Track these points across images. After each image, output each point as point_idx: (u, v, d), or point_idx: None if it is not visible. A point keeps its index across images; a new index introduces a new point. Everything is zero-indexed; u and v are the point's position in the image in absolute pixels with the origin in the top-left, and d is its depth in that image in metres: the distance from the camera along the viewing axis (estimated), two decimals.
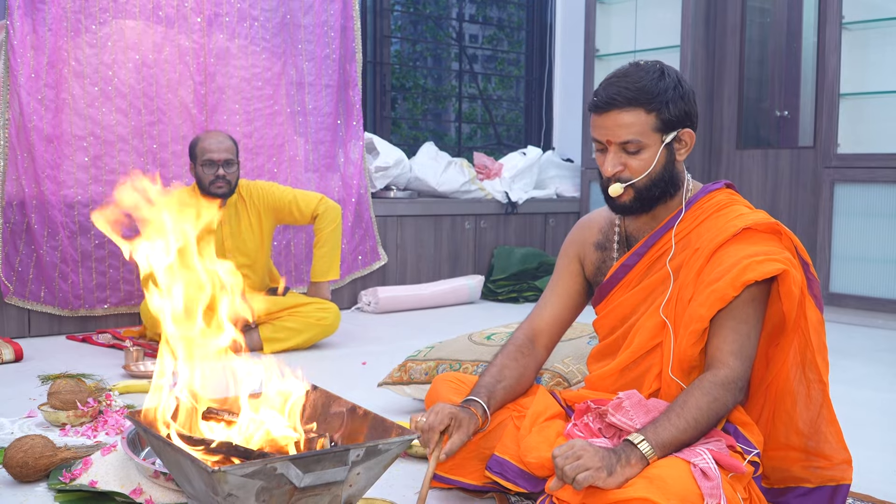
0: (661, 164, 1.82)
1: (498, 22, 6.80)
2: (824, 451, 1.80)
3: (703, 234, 1.83)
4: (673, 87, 1.79)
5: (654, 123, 1.78)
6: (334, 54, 4.72)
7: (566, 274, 2.05)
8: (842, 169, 4.49)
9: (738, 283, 1.70)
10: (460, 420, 1.80)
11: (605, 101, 1.79)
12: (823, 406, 1.79)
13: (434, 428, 1.79)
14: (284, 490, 1.48)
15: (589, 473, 1.51)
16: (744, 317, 1.73)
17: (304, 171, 4.67)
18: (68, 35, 3.94)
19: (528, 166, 5.76)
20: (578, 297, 2.05)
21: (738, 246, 1.76)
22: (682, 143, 1.84)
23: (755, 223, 1.78)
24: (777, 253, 1.73)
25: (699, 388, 1.68)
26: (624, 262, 1.92)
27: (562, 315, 2.04)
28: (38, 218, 3.88)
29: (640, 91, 1.77)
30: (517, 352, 1.99)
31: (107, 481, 1.96)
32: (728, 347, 1.72)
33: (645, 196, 1.83)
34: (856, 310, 4.50)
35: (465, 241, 5.44)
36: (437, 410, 1.81)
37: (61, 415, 2.47)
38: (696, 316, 1.74)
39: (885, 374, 3.43)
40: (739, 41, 5.17)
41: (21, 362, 3.44)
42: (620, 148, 1.80)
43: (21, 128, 3.82)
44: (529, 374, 1.99)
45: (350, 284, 4.90)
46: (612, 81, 1.81)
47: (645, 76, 1.79)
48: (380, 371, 3.14)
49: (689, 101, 1.82)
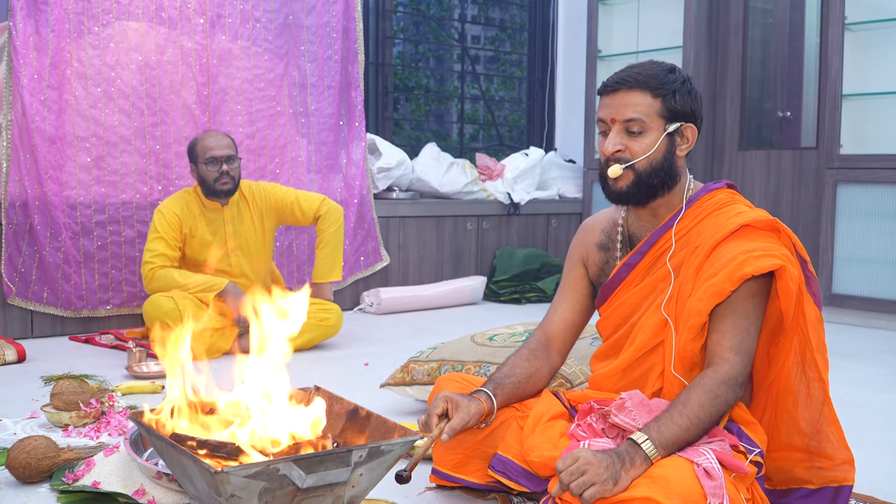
0: (661, 152, 1.83)
1: (500, 23, 6.80)
2: (826, 450, 1.80)
3: (703, 231, 1.84)
4: (681, 81, 1.84)
5: (659, 108, 1.82)
6: (336, 55, 4.72)
7: (572, 278, 2.07)
8: (844, 170, 4.48)
9: (735, 277, 1.71)
10: (457, 402, 1.82)
11: (615, 82, 1.84)
12: (824, 405, 1.80)
13: (431, 413, 1.80)
14: (287, 491, 1.48)
15: (595, 489, 1.51)
16: (743, 312, 1.74)
17: (307, 172, 4.67)
18: (71, 36, 3.94)
19: (531, 167, 5.76)
20: (587, 300, 2.06)
21: (736, 242, 1.77)
22: (685, 139, 1.86)
23: (754, 220, 1.80)
24: (775, 249, 1.74)
25: (700, 385, 1.68)
26: (627, 260, 1.93)
27: (572, 319, 2.05)
28: (40, 219, 3.88)
29: (650, 77, 1.82)
30: (529, 354, 2.00)
31: (109, 482, 1.96)
32: (728, 343, 1.73)
33: (643, 182, 1.84)
34: (858, 311, 4.49)
35: (468, 242, 5.44)
36: (433, 400, 1.84)
37: (64, 416, 2.48)
38: (694, 310, 1.75)
39: (887, 375, 3.42)
40: (742, 42, 5.17)
41: (24, 363, 3.44)
42: (623, 128, 1.83)
43: (24, 129, 3.82)
44: (541, 375, 2.00)
45: (352, 285, 4.91)
46: (625, 69, 1.87)
47: (656, 67, 1.85)
48: (382, 372, 3.14)
49: (696, 99, 1.86)
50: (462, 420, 1.79)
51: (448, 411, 1.81)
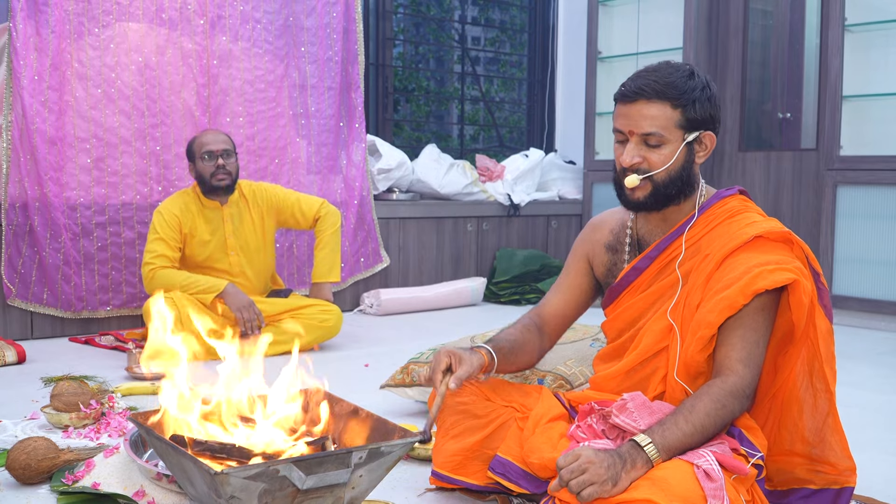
0: (679, 163, 1.81)
1: (500, 24, 6.80)
2: (829, 458, 1.80)
3: (714, 239, 1.82)
4: (701, 87, 1.79)
5: (678, 120, 1.78)
6: (337, 56, 4.72)
7: (573, 271, 2.06)
8: (844, 171, 4.48)
9: (749, 291, 1.69)
10: (459, 356, 1.83)
11: (633, 91, 1.79)
12: (829, 415, 1.79)
13: (435, 370, 1.82)
14: (287, 492, 1.48)
15: (594, 489, 1.51)
16: (753, 325, 1.73)
17: (307, 174, 4.67)
18: (71, 37, 3.94)
19: (531, 168, 5.76)
20: (584, 294, 2.06)
21: (749, 254, 1.75)
22: (703, 146, 1.83)
23: (767, 231, 1.77)
24: (788, 262, 1.72)
25: (708, 394, 1.67)
26: (635, 265, 1.91)
27: (565, 310, 2.06)
28: (40, 220, 3.88)
29: (669, 86, 1.77)
30: (523, 327, 2.02)
31: (109, 483, 1.96)
32: (737, 355, 1.71)
33: (661, 193, 1.82)
34: (858, 312, 4.49)
35: (468, 244, 5.44)
36: (434, 356, 1.85)
37: (64, 417, 2.47)
38: (705, 322, 1.73)
39: (887, 376, 3.42)
40: (742, 43, 5.17)
41: (24, 364, 3.44)
42: (642, 140, 1.79)
43: (24, 130, 3.82)
44: (532, 348, 2.01)
45: (352, 286, 4.91)
46: (642, 74, 1.81)
47: (675, 73, 1.79)
48: (382, 373, 3.14)
49: (715, 105, 1.82)
50: (467, 370, 1.81)
51: (451, 365, 1.82)
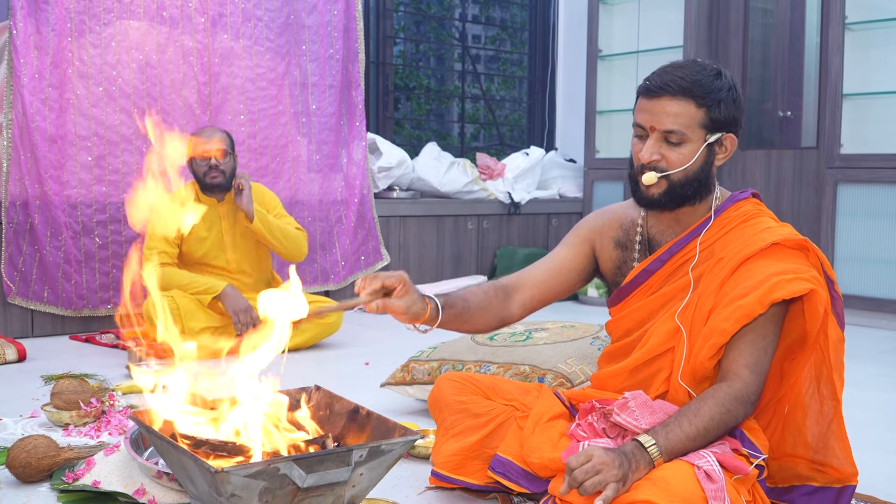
0: (699, 163, 1.77)
1: (501, 22, 6.80)
2: (832, 463, 1.79)
3: (728, 244, 1.79)
4: (727, 88, 1.76)
5: (701, 119, 1.75)
6: (337, 55, 4.72)
7: (571, 249, 1.99)
8: (845, 169, 4.48)
9: (766, 301, 1.67)
10: (407, 290, 1.72)
11: (658, 87, 1.75)
12: (834, 421, 1.78)
13: (378, 278, 1.71)
14: (287, 490, 1.48)
15: (613, 489, 1.51)
16: (763, 332, 1.71)
17: (307, 172, 4.67)
18: (72, 35, 3.94)
19: (531, 167, 5.76)
20: (574, 273, 1.98)
21: (765, 261, 1.72)
22: (723, 148, 1.80)
23: (784, 239, 1.74)
24: (805, 271, 1.70)
25: (713, 398, 1.66)
26: (646, 266, 1.88)
27: (549, 282, 1.96)
28: (41, 218, 3.88)
29: (695, 84, 1.74)
30: (490, 289, 1.92)
31: (110, 481, 1.96)
32: (744, 361, 1.70)
33: (677, 193, 1.78)
34: (859, 310, 4.49)
35: (468, 242, 5.44)
36: (393, 273, 1.74)
37: (64, 415, 2.48)
38: (719, 330, 1.71)
39: (888, 374, 3.42)
40: (742, 41, 5.17)
41: (24, 362, 3.44)
42: (662, 137, 1.76)
43: (24, 128, 3.82)
44: (491, 314, 1.91)
45: (353, 284, 4.89)
46: (668, 70, 1.77)
47: (702, 71, 1.76)
48: (383, 371, 3.14)
49: (740, 108, 1.78)
50: (400, 307, 1.71)
51: (396, 291, 1.72)
